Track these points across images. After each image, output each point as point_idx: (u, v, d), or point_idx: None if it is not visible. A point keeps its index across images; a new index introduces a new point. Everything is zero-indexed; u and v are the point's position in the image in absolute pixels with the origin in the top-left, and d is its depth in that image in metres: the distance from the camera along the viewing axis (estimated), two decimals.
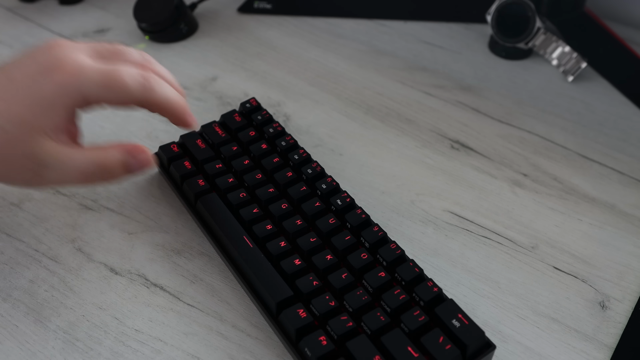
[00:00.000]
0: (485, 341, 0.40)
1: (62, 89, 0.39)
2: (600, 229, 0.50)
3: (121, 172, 0.42)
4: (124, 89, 0.40)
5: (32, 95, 0.39)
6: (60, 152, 0.40)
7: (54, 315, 0.44)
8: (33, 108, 0.39)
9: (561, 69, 0.65)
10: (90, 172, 0.41)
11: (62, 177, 0.40)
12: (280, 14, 0.75)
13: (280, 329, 0.41)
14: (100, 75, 0.39)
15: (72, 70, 0.39)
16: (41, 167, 0.40)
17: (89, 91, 0.39)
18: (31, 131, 0.39)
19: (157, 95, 0.42)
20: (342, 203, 0.47)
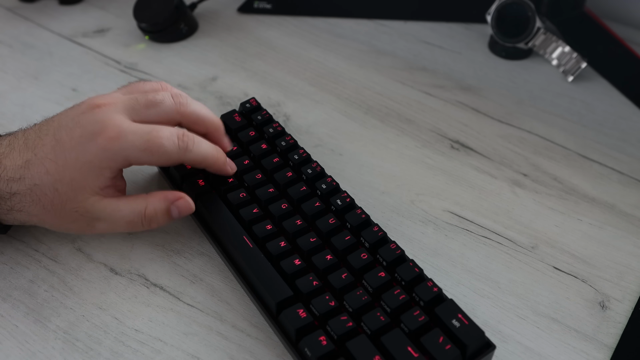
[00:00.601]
0: (485, 341, 0.40)
1: (107, 153, 0.42)
2: (600, 229, 0.50)
3: (164, 220, 0.45)
4: (163, 153, 0.43)
5: (80, 159, 0.42)
6: (107, 207, 0.44)
7: (54, 315, 0.44)
8: (81, 170, 0.42)
9: (561, 69, 0.65)
10: (136, 221, 0.45)
11: (111, 226, 0.45)
12: (280, 14, 0.75)
13: (280, 329, 0.41)
14: (140, 140, 0.43)
15: (115, 135, 0.42)
16: (92, 220, 0.44)
17: (131, 155, 0.43)
18: (80, 190, 0.43)
19: (194, 155, 0.45)
20: (342, 203, 0.47)
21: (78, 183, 0.43)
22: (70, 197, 0.43)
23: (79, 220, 0.44)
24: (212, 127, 0.48)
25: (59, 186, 0.43)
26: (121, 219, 0.44)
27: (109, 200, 0.44)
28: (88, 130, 0.43)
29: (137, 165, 0.44)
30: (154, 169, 0.54)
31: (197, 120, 0.47)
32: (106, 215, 0.44)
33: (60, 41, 0.71)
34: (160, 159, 0.44)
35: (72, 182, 0.43)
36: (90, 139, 0.42)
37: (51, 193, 0.43)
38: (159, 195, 0.45)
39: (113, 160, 0.43)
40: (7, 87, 0.65)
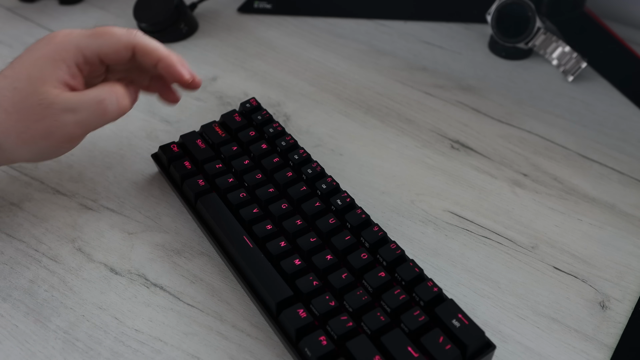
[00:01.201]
0: (485, 341, 0.40)
1: (59, 45, 0.44)
2: (600, 229, 0.50)
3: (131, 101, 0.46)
4: (112, 35, 0.45)
5: (34, 55, 0.44)
6: (73, 96, 0.43)
7: (54, 315, 0.44)
8: (36, 64, 0.43)
9: (561, 69, 0.65)
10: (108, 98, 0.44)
11: (83, 115, 0.44)
12: (280, 14, 0.75)
13: (280, 329, 0.41)
14: (90, 31, 0.45)
15: (65, 33, 0.45)
16: (60, 113, 0.43)
17: (81, 42, 0.44)
18: (40, 82, 0.43)
19: (144, 39, 0.46)
20: (342, 203, 0.47)
21: (35, 76, 0.43)
22: (30, 92, 0.43)
23: (46, 117, 0.43)
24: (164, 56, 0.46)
25: (17, 84, 0.43)
26: (91, 100, 0.44)
27: (72, 92, 0.44)
28: (42, 40, 0.45)
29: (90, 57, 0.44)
30: (154, 170, 0.54)
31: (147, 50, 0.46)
32: (74, 103, 0.43)
33: None
34: (109, 42, 0.44)
35: (29, 78, 0.43)
36: (44, 41, 0.45)
37: (10, 93, 0.43)
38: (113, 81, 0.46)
39: (65, 50, 0.43)
40: None
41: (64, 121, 0.43)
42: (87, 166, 0.55)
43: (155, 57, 0.46)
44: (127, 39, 0.45)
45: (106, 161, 0.56)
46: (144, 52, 0.46)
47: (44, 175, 0.54)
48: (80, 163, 0.55)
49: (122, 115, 0.46)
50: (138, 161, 0.56)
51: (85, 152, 0.56)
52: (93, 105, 0.43)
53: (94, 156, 0.56)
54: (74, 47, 0.44)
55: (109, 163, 0.55)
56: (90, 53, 0.44)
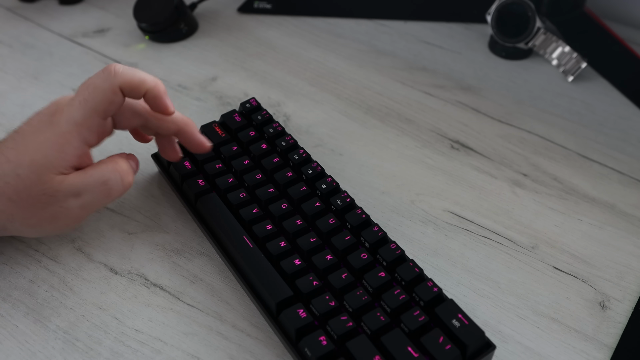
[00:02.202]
0: (485, 341, 0.40)
1: (61, 128, 0.41)
2: (600, 229, 0.50)
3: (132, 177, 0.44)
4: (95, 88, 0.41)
5: (38, 139, 0.42)
6: (76, 178, 0.42)
7: (54, 315, 0.44)
8: (40, 149, 0.41)
9: (561, 69, 0.65)
10: (113, 179, 0.43)
11: (88, 198, 0.42)
12: (280, 14, 0.75)
13: (280, 329, 0.41)
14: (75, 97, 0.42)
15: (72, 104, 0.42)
16: (65, 199, 0.42)
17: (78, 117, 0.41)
18: (43, 170, 0.41)
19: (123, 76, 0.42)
20: (342, 203, 0.47)
21: (39, 163, 0.41)
22: (34, 180, 0.41)
23: (50, 204, 0.42)
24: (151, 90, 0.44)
25: (20, 171, 0.41)
26: (95, 182, 0.42)
27: (75, 173, 0.42)
28: (44, 113, 0.43)
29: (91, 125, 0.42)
30: (154, 170, 0.54)
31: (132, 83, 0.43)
32: (78, 187, 0.42)
33: (60, 41, 0.71)
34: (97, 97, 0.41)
35: (32, 164, 0.41)
36: (46, 119, 0.42)
37: (13, 180, 0.41)
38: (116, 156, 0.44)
39: (68, 132, 0.41)
40: (7, 87, 0.65)
41: (69, 206, 0.42)
42: None
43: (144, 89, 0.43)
44: (110, 83, 0.42)
45: None
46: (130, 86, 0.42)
47: None
48: None
49: (125, 192, 0.45)
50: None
51: None
52: (97, 187, 0.42)
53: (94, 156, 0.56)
54: (75, 128, 0.41)
55: None
56: (91, 123, 0.42)
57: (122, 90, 0.42)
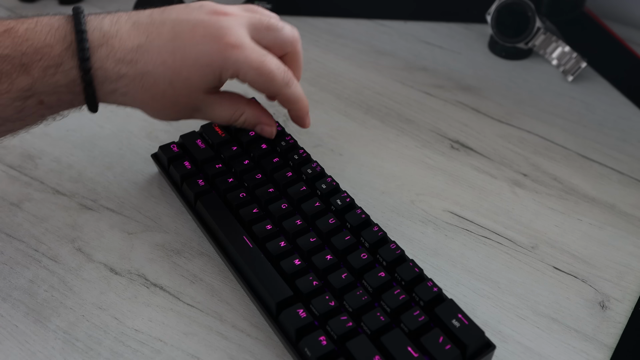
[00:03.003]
0: (485, 341, 0.40)
1: (224, 61, 0.43)
2: (600, 229, 0.50)
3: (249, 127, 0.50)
4: (270, 79, 0.45)
5: (200, 60, 0.43)
6: (213, 102, 0.47)
7: (54, 315, 0.44)
8: (199, 71, 0.44)
9: (561, 69, 0.65)
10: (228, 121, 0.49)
11: (207, 116, 0.48)
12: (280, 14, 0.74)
13: (280, 329, 0.41)
14: (256, 58, 0.44)
15: (237, 45, 0.43)
16: (195, 111, 0.47)
17: (242, 68, 0.44)
18: (195, 89, 0.45)
19: (291, 92, 0.47)
20: (342, 203, 0.47)
21: (193, 82, 0.44)
22: (184, 94, 0.45)
23: (184, 110, 0.46)
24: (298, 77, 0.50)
25: (175, 81, 0.43)
26: (219, 115, 0.48)
27: (213, 97, 0.47)
28: (211, 32, 0.43)
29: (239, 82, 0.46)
30: (154, 170, 0.54)
31: (297, 64, 0.50)
32: (208, 109, 0.47)
33: None
34: (265, 83, 0.45)
35: (188, 80, 0.44)
36: (212, 41, 0.43)
37: (164, 85, 0.44)
38: (255, 109, 0.49)
39: (227, 68, 0.44)
40: None
41: (195, 115, 0.48)
42: (87, 166, 0.55)
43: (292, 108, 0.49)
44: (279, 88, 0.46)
45: (106, 161, 0.56)
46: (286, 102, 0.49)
47: (44, 175, 0.54)
48: (80, 163, 0.55)
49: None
50: (138, 161, 0.56)
51: (85, 152, 0.56)
52: (219, 120, 0.48)
53: (94, 156, 0.56)
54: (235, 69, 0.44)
55: (109, 163, 0.55)
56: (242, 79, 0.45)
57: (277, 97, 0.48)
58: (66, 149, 0.56)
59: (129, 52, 0.42)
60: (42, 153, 0.56)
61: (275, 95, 0.48)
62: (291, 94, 0.47)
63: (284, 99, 0.48)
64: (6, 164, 0.55)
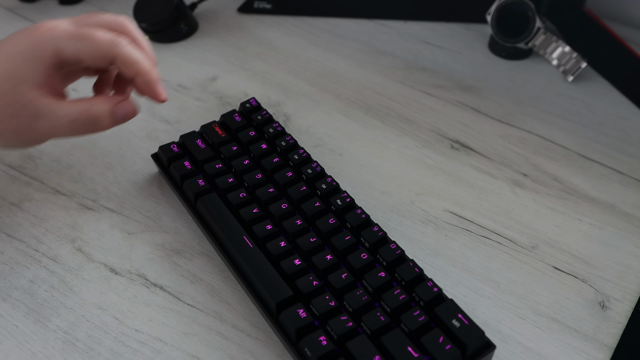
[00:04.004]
0: (485, 341, 0.40)
1: (38, 43, 0.42)
2: (600, 229, 0.50)
3: (109, 122, 0.45)
4: (93, 42, 0.43)
5: (13, 50, 0.42)
6: (49, 104, 0.43)
7: (54, 315, 0.44)
8: (15, 61, 0.42)
9: (561, 69, 0.65)
10: (80, 120, 0.44)
11: (52, 126, 0.43)
12: (280, 14, 0.75)
13: (280, 329, 0.41)
14: (72, 31, 0.43)
15: (47, 28, 0.43)
16: (32, 118, 0.43)
17: (61, 44, 0.42)
18: (17, 82, 0.42)
19: (124, 52, 0.43)
20: (342, 203, 0.47)
21: (13, 74, 0.42)
22: (6, 90, 0.42)
23: (17, 116, 0.42)
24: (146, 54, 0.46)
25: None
26: (64, 117, 0.43)
27: (50, 98, 0.43)
28: (24, 31, 0.44)
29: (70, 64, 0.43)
30: (154, 170, 0.54)
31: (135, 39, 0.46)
32: (47, 113, 0.43)
33: None
34: (90, 49, 0.43)
35: (7, 74, 0.42)
36: (26, 33, 0.43)
37: None
38: (101, 97, 0.45)
39: (44, 49, 0.42)
40: None
41: (36, 126, 0.43)
42: (87, 166, 0.55)
43: (134, 70, 0.44)
44: (107, 49, 0.43)
45: (106, 161, 0.56)
46: (124, 63, 0.44)
47: (44, 175, 0.54)
48: (80, 163, 0.55)
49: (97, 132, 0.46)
50: (138, 161, 0.56)
51: (85, 152, 0.56)
52: (64, 121, 0.43)
53: (94, 156, 0.56)
54: (52, 48, 0.42)
55: (109, 163, 0.55)
56: (68, 55, 0.43)
57: (114, 60, 0.44)
58: (66, 149, 0.56)
59: None
60: (42, 153, 0.56)
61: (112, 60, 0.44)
62: (125, 53, 0.43)
63: (122, 62, 0.44)
64: (6, 164, 0.55)
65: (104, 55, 0.43)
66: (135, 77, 0.44)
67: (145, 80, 0.45)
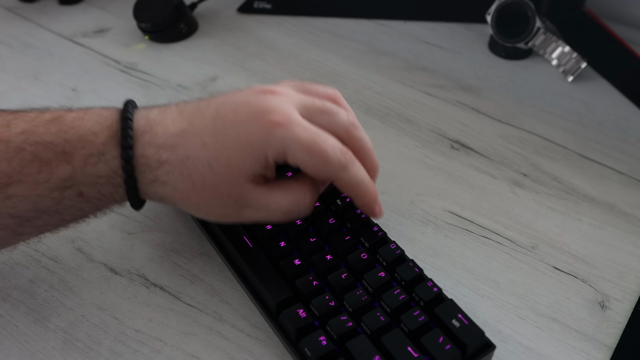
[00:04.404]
0: (485, 341, 0.40)
1: (269, 139, 0.38)
2: (600, 229, 0.50)
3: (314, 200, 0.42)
4: (323, 161, 0.39)
5: (241, 139, 0.39)
6: (263, 195, 0.40)
7: (54, 315, 0.44)
8: (240, 151, 0.39)
9: (561, 69, 0.65)
10: (295, 210, 0.41)
11: (264, 215, 0.41)
12: (280, 14, 0.75)
13: (280, 329, 0.41)
14: (307, 137, 0.38)
15: (283, 122, 0.38)
16: (243, 207, 0.40)
17: (291, 148, 0.38)
18: (237, 173, 0.39)
19: (349, 176, 0.41)
20: (342, 203, 0.47)
21: (235, 165, 0.39)
22: (225, 180, 0.39)
23: (228, 205, 0.40)
24: (370, 165, 0.43)
25: (215, 164, 0.39)
26: (278, 209, 0.41)
27: (263, 188, 0.40)
28: (256, 109, 0.39)
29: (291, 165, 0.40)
30: None
31: (360, 150, 0.42)
32: (262, 205, 0.40)
33: (60, 41, 0.71)
34: (317, 165, 0.39)
35: (229, 163, 0.39)
36: (256, 119, 0.39)
37: (204, 170, 0.39)
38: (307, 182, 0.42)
39: (272, 147, 0.38)
40: (7, 87, 0.65)
41: (245, 214, 0.41)
42: None
43: (354, 193, 0.42)
44: (333, 171, 0.40)
45: None
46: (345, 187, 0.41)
47: None
48: None
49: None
50: None
51: None
52: (277, 214, 0.41)
53: None
54: (281, 149, 0.38)
55: None
56: (293, 162, 0.39)
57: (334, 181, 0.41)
58: None
59: (171, 137, 0.39)
60: None
61: (333, 180, 0.41)
62: (350, 178, 0.40)
63: (343, 184, 0.41)
64: None
65: (328, 176, 0.40)
66: (353, 198, 0.43)
67: (363, 204, 0.43)
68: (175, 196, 0.40)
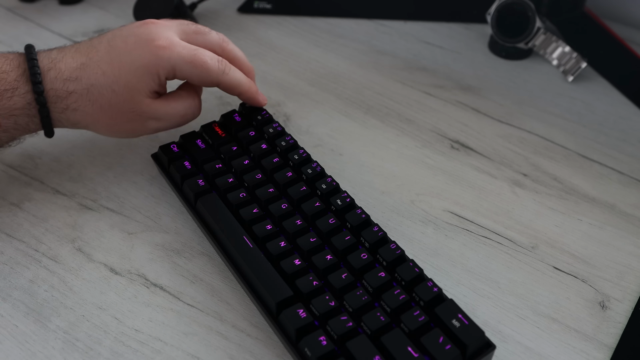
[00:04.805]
0: (485, 341, 0.40)
1: (159, 59, 0.47)
2: (600, 229, 0.50)
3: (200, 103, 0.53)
4: (205, 70, 0.48)
5: (135, 63, 0.47)
6: (162, 107, 0.50)
7: (54, 315, 0.44)
8: (136, 73, 0.47)
9: (561, 69, 0.65)
10: (190, 113, 0.52)
11: (164, 124, 0.51)
12: (280, 14, 0.75)
13: (280, 329, 0.41)
14: (187, 54, 0.48)
15: (166, 45, 0.47)
16: (147, 119, 0.49)
17: (177, 65, 0.48)
18: (136, 92, 0.48)
19: (229, 78, 0.50)
20: (342, 203, 0.47)
21: (133, 85, 0.47)
22: (127, 99, 0.47)
23: (134, 120, 0.49)
24: (246, 69, 0.54)
25: (116, 87, 0.47)
26: (176, 114, 0.50)
27: (160, 101, 0.49)
28: (142, 38, 0.47)
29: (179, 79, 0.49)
30: (154, 170, 0.54)
31: (235, 58, 0.52)
32: (162, 114, 0.50)
33: (60, 41, 0.71)
34: (201, 75, 0.48)
35: (128, 84, 0.47)
36: (144, 45, 0.47)
37: (108, 94, 0.47)
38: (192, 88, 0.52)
39: (163, 67, 0.47)
40: None
41: (149, 125, 0.50)
42: (87, 166, 0.55)
43: (237, 92, 0.52)
44: (215, 76, 0.49)
45: (106, 161, 0.56)
46: (228, 88, 0.51)
47: (44, 175, 0.54)
48: (80, 163, 0.55)
49: None
50: (138, 161, 0.56)
51: (85, 152, 0.56)
52: (176, 118, 0.51)
53: (94, 156, 0.56)
54: (169, 66, 0.47)
55: (109, 163, 0.55)
56: (181, 76, 0.49)
57: (218, 86, 0.50)
58: (66, 149, 0.56)
59: (74, 71, 0.47)
60: (42, 153, 0.56)
61: (217, 85, 0.50)
62: (230, 80, 0.50)
63: (226, 87, 0.51)
64: (6, 164, 0.55)
65: (212, 81, 0.50)
66: (238, 96, 0.53)
67: (247, 97, 0.53)
68: (87, 119, 0.49)
